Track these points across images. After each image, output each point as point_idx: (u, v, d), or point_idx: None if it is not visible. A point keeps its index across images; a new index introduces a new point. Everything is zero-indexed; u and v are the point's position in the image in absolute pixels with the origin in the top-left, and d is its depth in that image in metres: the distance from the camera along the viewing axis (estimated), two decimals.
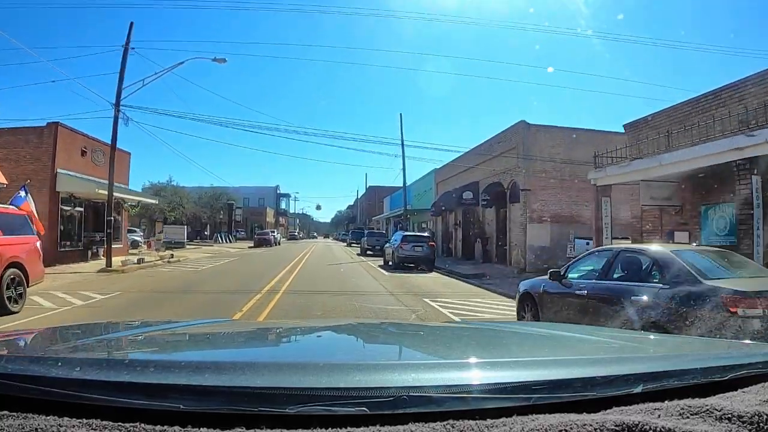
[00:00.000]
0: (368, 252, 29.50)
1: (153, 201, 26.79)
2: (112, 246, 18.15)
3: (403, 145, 28.71)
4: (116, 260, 17.65)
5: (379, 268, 19.36)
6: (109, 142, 18.32)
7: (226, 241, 48.57)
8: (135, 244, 29.62)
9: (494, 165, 20.69)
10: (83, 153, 20.24)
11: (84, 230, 20.32)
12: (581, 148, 18.28)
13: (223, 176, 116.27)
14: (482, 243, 21.28)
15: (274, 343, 1.85)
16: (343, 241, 68.07)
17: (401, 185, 35.26)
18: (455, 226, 26.54)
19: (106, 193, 17.48)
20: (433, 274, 17.42)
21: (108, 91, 19.65)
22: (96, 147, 20.24)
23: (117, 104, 18.06)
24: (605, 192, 11.60)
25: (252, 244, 43.37)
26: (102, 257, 17.44)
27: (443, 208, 27.17)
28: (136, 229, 39.71)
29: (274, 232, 47.92)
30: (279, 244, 48.45)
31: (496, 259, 20.42)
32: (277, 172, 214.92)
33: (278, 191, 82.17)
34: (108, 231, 17.34)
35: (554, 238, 17.34)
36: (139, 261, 18.46)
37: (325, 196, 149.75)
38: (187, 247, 33.95)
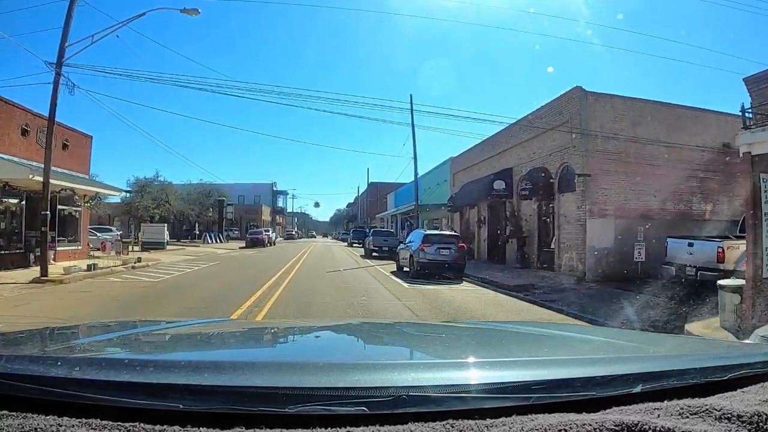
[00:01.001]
0: (374, 254, 26.09)
1: (114, 193, 22.45)
2: (67, 248, 13.86)
3: (413, 129, 25.02)
4: (63, 266, 15.34)
5: (393, 277, 17.21)
6: (66, 123, 13.97)
7: (216, 241, 44.97)
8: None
9: (536, 146, 16.79)
10: (24, 132, 16.39)
11: (27, 228, 17.85)
12: (646, 125, 14.27)
13: (217, 173, 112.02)
14: (518, 243, 17.56)
15: (274, 343, 1.89)
16: (344, 240, 64.89)
17: (406, 182, 31.35)
18: (479, 223, 22.63)
19: (43, 180, 13.32)
20: (466, 286, 14.18)
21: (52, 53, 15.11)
22: (45, 126, 15.85)
23: (58, 64, 13.78)
24: (762, 165, 7.32)
25: (244, 245, 39.17)
26: (51, 261, 15.35)
27: (463, 202, 22.97)
28: (112, 228, 35.53)
29: (268, 231, 44.97)
30: (274, 244, 45.62)
31: (537, 263, 16.53)
32: (275, 169, 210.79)
33: (275, 188, 78.27)
34: (43, 229, 14.21)
35: (617, 237, 14.88)
36: (90, 267, 16.35)
37: (324, 193, 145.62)
38: (169, 248, 33.13)
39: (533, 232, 18.54)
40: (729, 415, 0.85)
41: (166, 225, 32.66)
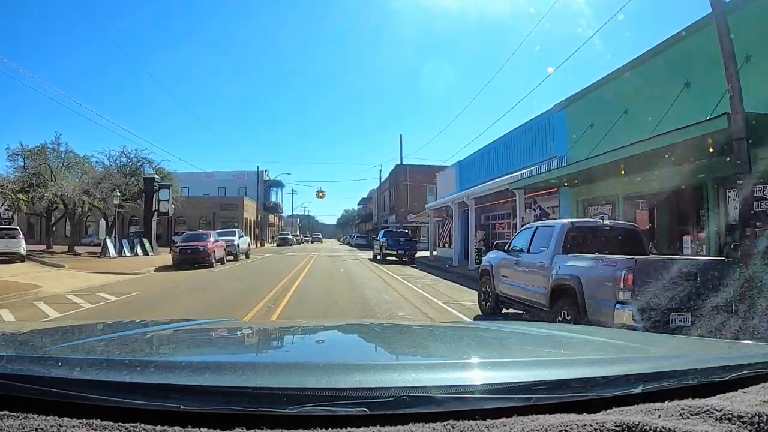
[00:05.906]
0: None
1: None
2: None
3: None
4: None
5: None
6: None
7: (135, 252, 23.81)
8: None
9: None
10: None
11: None
12: None
13: (205, 167, 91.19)
14: None
15: (275, 344, 1.84)
16: (359, 247, 43.49)
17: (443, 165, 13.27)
18: None
19: None
20: None
21: None
22: None
23: None
24: None
25: (172, 262, 21.91)
26: None
27: None
28: None
29: (234, 233, 25.24)
30: (246, 256, 28.71)
31: None
32: (275, 167, 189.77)
33: (264, 177, 57.11)
34: None
35: None
36: None
37: (330, 180, 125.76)
38: None
39: None
40: (730, 416, 0.83)
41: None
